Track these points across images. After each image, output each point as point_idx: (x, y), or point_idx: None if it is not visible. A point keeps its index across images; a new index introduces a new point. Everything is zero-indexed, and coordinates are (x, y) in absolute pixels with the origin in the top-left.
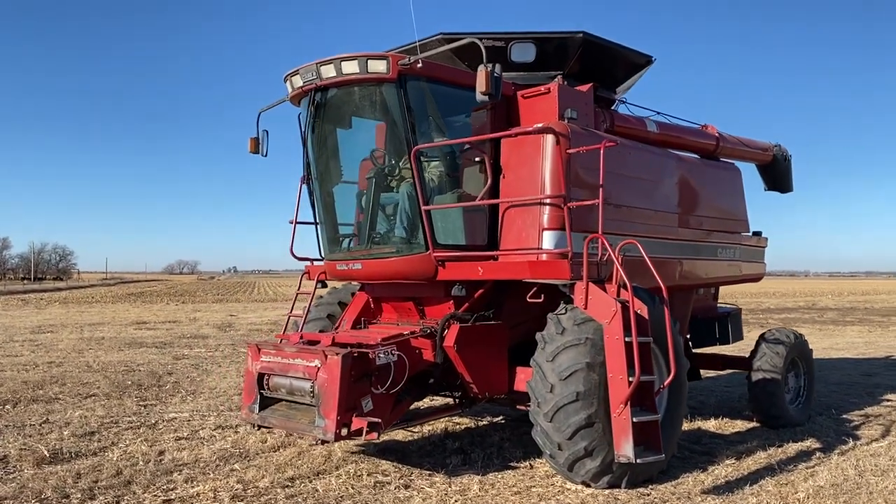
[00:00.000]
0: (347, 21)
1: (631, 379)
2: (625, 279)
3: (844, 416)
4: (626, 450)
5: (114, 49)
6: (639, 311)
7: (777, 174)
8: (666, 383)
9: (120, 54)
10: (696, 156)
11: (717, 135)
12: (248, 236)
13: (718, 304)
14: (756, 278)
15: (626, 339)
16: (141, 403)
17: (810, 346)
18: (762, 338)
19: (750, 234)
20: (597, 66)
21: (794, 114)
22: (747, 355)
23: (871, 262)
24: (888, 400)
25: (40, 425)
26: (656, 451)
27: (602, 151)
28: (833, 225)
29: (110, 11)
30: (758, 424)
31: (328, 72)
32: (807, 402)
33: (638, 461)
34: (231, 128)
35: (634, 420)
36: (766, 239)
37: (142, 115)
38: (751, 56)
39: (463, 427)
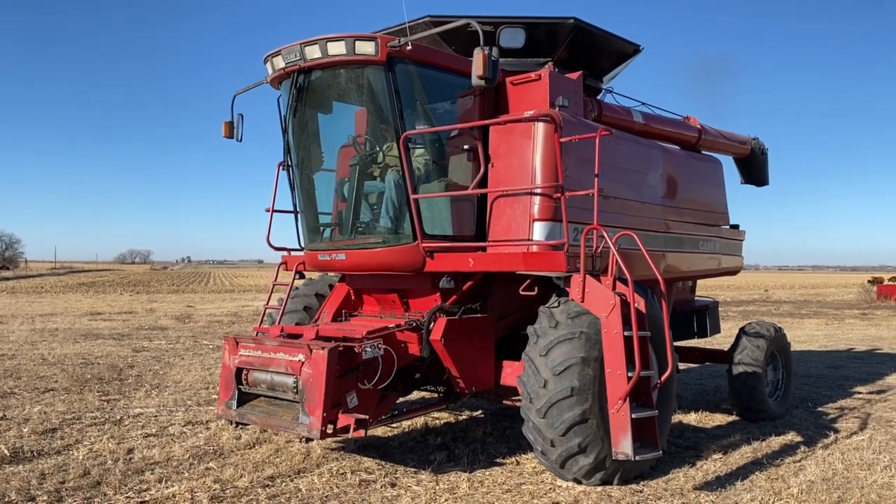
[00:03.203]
0: (327, 5)
1: (630, 374)
2: (625, 272)
3: (820, 408)
4: (624, 447)
5: (72, 33)
6: (636, 305)
7: (754, 168)
8: (663, 378)
9: (81, 39)
10: (678, 147)
11: (699, 127)
12: (202, 226)
13: (696, 298)
14: (734, 271)
15: (625, 333)
16: (103, 398)
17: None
18: (742, 331)
19: (729, 226)
20: (586, 53)
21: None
22: (722, 347)
23: (817, 256)
24: (858, 392)
25: None
26: (653, 447)
27: (598, 141)
28: (780, 220)
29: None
30: (737, 417)
31: (313, 53)
32: (785, 395)
33: (637, 458)
34: (188, 116)
35: (633, 416)
36: (744, 232)
37: (94, 100)
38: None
39: (443, 422)
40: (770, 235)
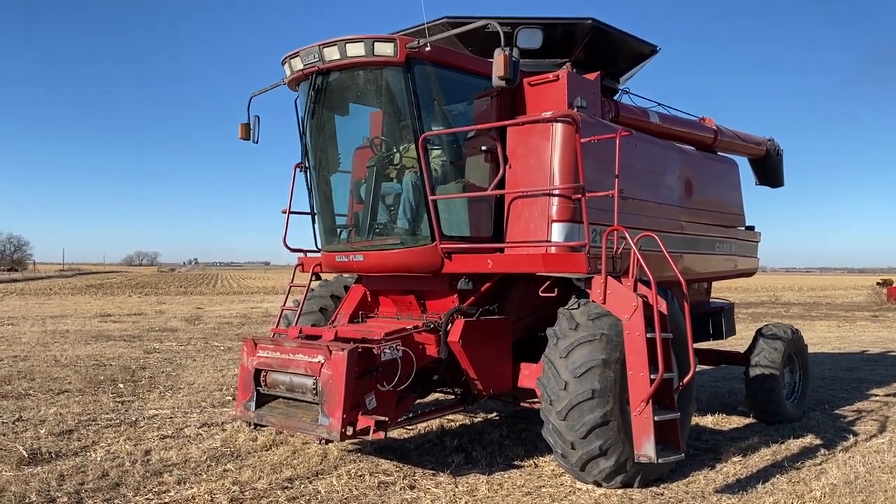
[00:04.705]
0: (339, 8)
1: (653, 376)
2: (648, 274)
3: (837, 411)
4: (647, 449)
5: (79, 35)
6: (659, 307)
7: (769, 169)
8: (685, 380)
9: (87, 40)
10: (694, 148)
11: (714, 128)
12: (209, 228)
13: (711, 299)
14: (750, 273)
15: (648, 335)
16: (117, 400)
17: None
18: (759, 333)
19: (744, 228)
20: (602, 54)
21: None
22: (736, 349)
23: (825, 258)
24: (875, 395)
25: (13, 423)
26: (675, 449)
27: (618, 142)
28: (787, 222)
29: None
30: (754, 420)
31: (332, 54)
32: (802, 397)
33: (660, 461)
34: (195, 118)
35: (656, 419)
36: (759, 233)
37: (100, 103)
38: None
39: (459, 424)
40: (777, 237)
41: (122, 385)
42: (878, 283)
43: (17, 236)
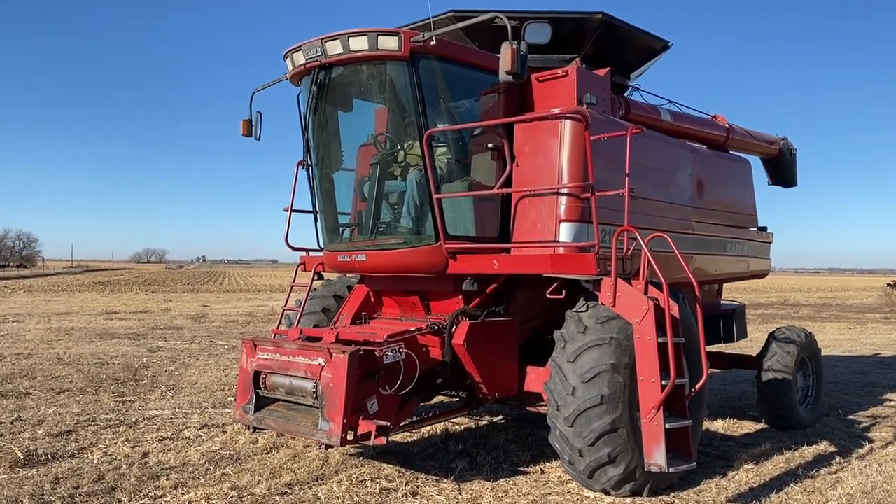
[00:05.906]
0: (345, 2)
1: (664, 382)
2: (659, 276)
3: (851, 416)
4: (657, 458)
5: (83, 31)
6: (670, 310)
7: (782, 168)
8: (698, 386)
9: (96, 37)
10: (705, 147)
11: (727, 126)
12: (217, 225)
13: (722, 301)
14: (762, 274)
15: (659, 339)
16: (118, 400)
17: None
18: (772, 336)
19: (757, 228)
20: (613, 49)
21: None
22: (747, 352)
23: (833, 259)
24: (889, 399)
25: (11, 423)
26: (687, 458)
27: (628, 139)
28: (795, 222)
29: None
30: (766, 425)
31: (334, 48)
32: (815, 402)
33: (671, 470)
34: (202, 116)
35: (667, 426)
36: (772, 234)
37: (110, 101)
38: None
39: (463, 427)
40: (785, 238)
41: (123, 384)
42: (888, 285)
43: (26, 233)
